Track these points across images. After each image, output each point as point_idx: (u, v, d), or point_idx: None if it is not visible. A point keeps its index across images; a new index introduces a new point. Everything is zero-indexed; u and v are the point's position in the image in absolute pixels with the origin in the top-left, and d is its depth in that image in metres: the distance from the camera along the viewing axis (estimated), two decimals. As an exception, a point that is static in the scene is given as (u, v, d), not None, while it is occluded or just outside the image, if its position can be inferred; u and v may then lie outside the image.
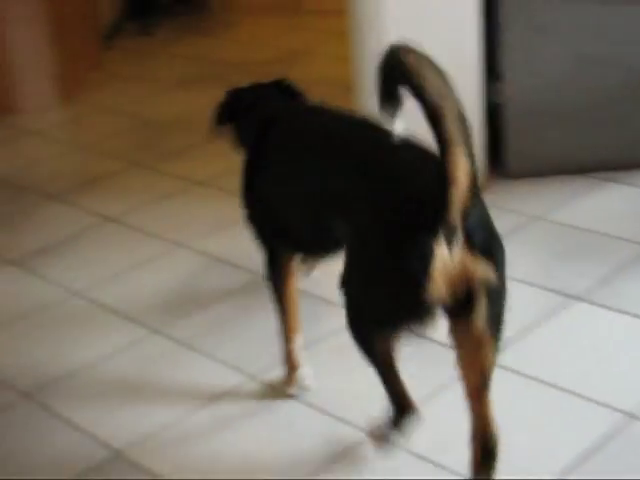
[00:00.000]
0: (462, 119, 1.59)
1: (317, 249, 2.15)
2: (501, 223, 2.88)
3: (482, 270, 1.66)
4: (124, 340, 2.52)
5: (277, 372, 2.29)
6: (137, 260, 2.94)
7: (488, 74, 3.11)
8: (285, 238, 2.15)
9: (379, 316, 1.76)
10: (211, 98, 4.34)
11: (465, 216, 1.61)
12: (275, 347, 2.30)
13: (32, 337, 2.59)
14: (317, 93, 4.19)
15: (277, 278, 2.21)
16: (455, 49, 2.99)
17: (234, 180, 3.37)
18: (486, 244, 1.69)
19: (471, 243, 1.64)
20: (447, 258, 1.62)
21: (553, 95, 3.13)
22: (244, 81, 4.68)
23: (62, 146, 4.02)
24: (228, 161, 3.60)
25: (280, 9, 5.93)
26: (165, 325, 2.56)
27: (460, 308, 1.67)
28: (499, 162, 3.22)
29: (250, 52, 5.17)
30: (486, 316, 1.68)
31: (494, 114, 3.19)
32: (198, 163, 3.67)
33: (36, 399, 2.31)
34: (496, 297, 1.70)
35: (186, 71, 4.90)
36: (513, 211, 3.00)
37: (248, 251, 2.89)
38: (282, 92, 2.38)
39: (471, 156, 1.58)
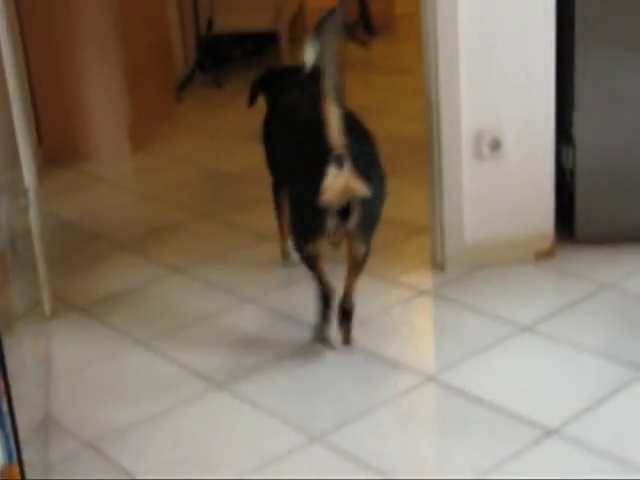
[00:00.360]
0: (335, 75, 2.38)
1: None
2: (570, 290, 2.89)
3: (358, 186, 2.48)
4: (186, 394, 2.52)
5: (341, 433, 2.27)
6: (202, 313, 2.95)
7: (560, 138, 3.09)
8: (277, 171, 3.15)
9: (301, 226, 2.63)
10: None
11: (347, 149, 2.43)
12: (341, 408, 2.28)
13: (94, 386, 2.60)
14: (386, 151, 4.20)
15: (278, 196, 3.18)
16: (527, 112, 2.99)
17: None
18: (365, 169, 2.49)
19: (354, 168, 2.45)
20: (334, 178, 2.43)
21: (626, 161, 3.09)
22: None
23: (132, 195, 4.08)
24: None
25: (350, 66, 5.97)
26: (229, 380, 2.56)
27: (345, 213, 2.48)
28: (569, 227, 3.18)
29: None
30: (358, 219, 2.51)
31: (565, 179, 3.17)
32: (266, 217, 3.67)
33: (99, 450, 2.31)
34: (368, 206, 2.52)
35: (255, 125, 4.92)
36: (583, 278, 2.96)
37: (311, 308, 2.90)
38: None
39: (340, 103, 2.41)
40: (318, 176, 2.43)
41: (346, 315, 2.68)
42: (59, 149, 4.53)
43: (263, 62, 6.28)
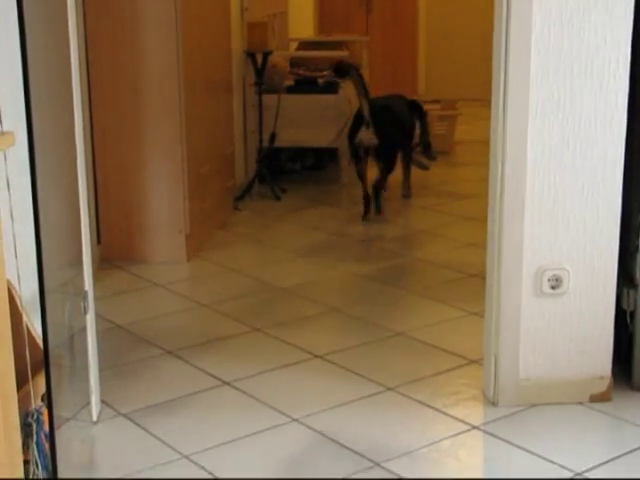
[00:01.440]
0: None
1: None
2: (625, 438, 2.81)
3: (371, 138, 5.20)
4: (228, 513, 2.47)
5: None
6: (249, 429, 2.90)
7: (621, 279, 3.05)
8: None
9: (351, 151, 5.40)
10: (330, 270, 4.42)
11: (372, 119, 5.19)
12: None
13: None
14: (440, 277, 4.21)
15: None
16: (591, 252, 2.97)
17: (352, 358, 3.40)
18: (379, 131, 5.23)
19: (374, 129, 5.21)
20: (364, 132, 5.20)
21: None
22: (365, 255, 4.74)
23: (185, 302, 4.09)
24: (346, 337, 3.63)
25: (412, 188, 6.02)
26: (271, 503, 2.51)
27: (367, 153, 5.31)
28: (627, 372, 3.12)
29: (376, 228, 5.24)
30: (376, 158, 5.31)
31: (625, 321, 3.12)
32: (317, 335, 3.67)
33: None
34: (379, 150, 5.26)
35: (309, 240, 4.98)
36: (638, 426, 2.88)
37: (358, 433, 2.85)
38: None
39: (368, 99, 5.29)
40: (356, 130, 5.28)
41: (377, 193, 5.35)
42: (116, 250, 4.58)
43: (322, 177, 6.37)
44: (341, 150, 6.09)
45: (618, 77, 2.88)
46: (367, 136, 5.21)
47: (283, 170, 6.37)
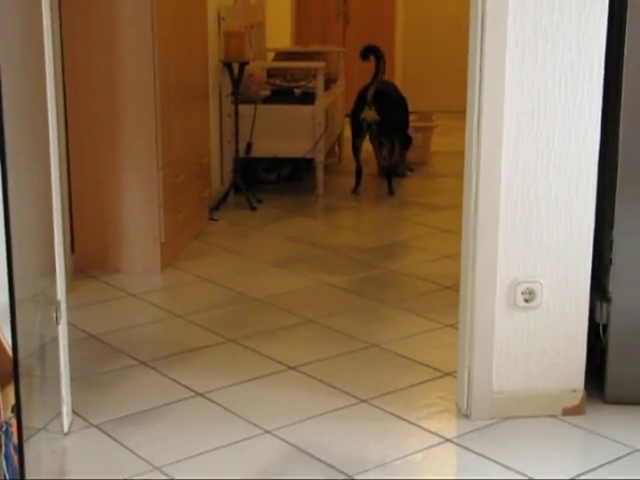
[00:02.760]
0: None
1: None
2: (598, 451, 2.82)
3: (373, 115, 6.11)
4: (199, 526, 2.45)
5: None
6: (222, 441, 2.89)
7: (594, 292, 3.07)
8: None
9: (353, 127, 6.30)
10: (306, 280, 4.41)
11: (373, 100, 6.11)
12: None
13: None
14: (415, 288, 4.20)
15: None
16: (564, 265, 2.98)
17: (326, 370, 3.40)
18: (379, 109, 6.12)
19: (375, 107, 6.13)
20: (366, 110, 6.13)
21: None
22: (341, 266, 4.74)
23: (158, 312, 4.07)
24: (320, 349, 3.62)
25: (382, 200, 6.04)
26: (243, 516, 2.49)
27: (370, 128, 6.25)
28: (600, 385, 3.13)
29: (351, 239, 5.24)
30: (375, 132, 6.28)
31: (597, 334, 3.13)
32: (292, 346, 3.66)
33: None
34: (379, 126, 6.18)
35: (285, 250, 4.98)
36: (611, 440, 2.89)
37: (332, 445, 2.84)
38: None
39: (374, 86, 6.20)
40: (361, 108, 6.12)
41: (387, 174, 6.19)
42: (90, 259, 4.56)
43: (298, 188, 6.37)
44: (317, 160, 6.10)
45: (592, 92, 2.90)
46: (370, 114, 6.08)
47: (259, 180, 6.37)
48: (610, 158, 3.00)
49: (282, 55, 7.31)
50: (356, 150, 6.21)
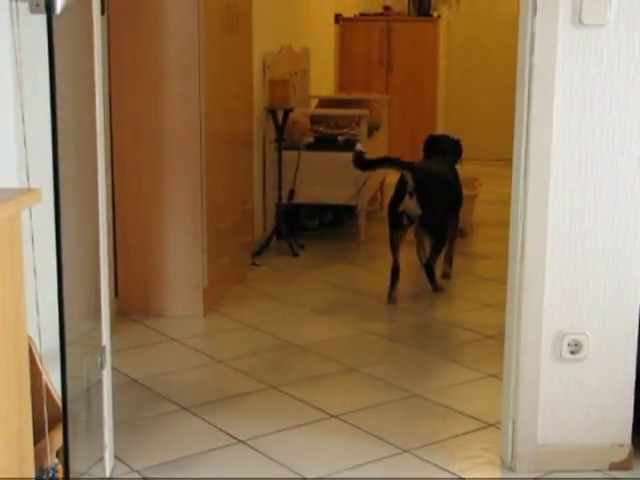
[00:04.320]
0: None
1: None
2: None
3: (416, 208, 4.80)
4: None
5: None
6: (262, 489, 2.88)
7: (641, 346, 3.03)
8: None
9: (390, 221, 4.96)
10: (347, 328, 4.39)
11: (415, 189, 4.79)
12: None
13: None
14: (458, 338, 4.18)
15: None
16: (611, 318, 2.95)
17: (368, 419, 3.37)
18: (422, 200, 4.81)
19: (417, 198, 4.81)
20: (407, 200, 4.80)
21: None
22: (383, 313, 4.71)
23: (200, 357, 4.07)
24: (362, 397, 3.60)
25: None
26: None
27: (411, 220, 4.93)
28: (647, 440, 3.08)
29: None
30: (418, 226, 5.04)
31: (645, 388, 3.08)
32: (334, 394, 3.65)
33: None
34: (423, 219, 4.88)
35: (327, 297, 4.97)
36: (660, 496, 2.84)
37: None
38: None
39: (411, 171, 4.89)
40: (400, 199, 4.88)
41: (428, 271, 5.00)
42: (133, 303, 4.59)
43: (340, 234, 6.37)
44: (359, 207, 6.11)
45: (639, 142, 2.88)
46: (411, 205, 4.83)
47: (301, 226, 6.38)
48: (658, 210, 2.98)
49: (325, 102, 7.36)
50: (393, 246, 4.97)
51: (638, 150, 2.89)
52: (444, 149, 5.50)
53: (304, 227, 6.41)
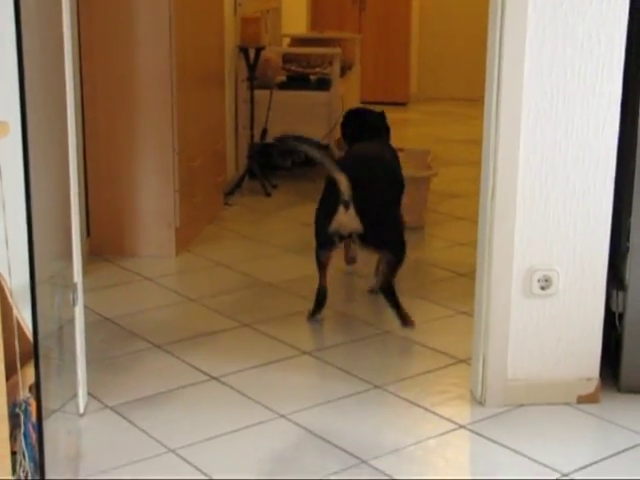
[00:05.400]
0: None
1: None
2: (612, 440, 2.82)
3: (355, 223, 3.56)
4: (214, 508, 2.47)
5: None
6: (235, 425, 2.90)
7: (611, 281, 3.06)
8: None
9: (318, 239, 3.75)
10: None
11: (352, 198, 3.52)
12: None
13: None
14: (430, 276, 4.20)
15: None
16: (581, 253, 2.98)
17: (341, 356, 3.40)
18: (363, 213, 3.55)
19: (356, 211, 3.54)
20: (342, 214, 3.55)
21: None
22: (357, 255, 4.64)
23: (173, 296, 4.08)
24: (335, 334, 3.63)
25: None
26: (257, 499, 2.50)
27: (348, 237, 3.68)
28: (614, 374, 3.13)
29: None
30: (358, 242, 3.67)
31: (613, 323, 3.13)
32: (306, 331, 3.67)
33: None
34: (367, 235, 3.59)
35: (299, 236, 4.97)
36: (624, 428, 2.89)
37: (345, 430, 2.85)
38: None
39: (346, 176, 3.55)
40: (331, 213, 3.61)
41: (389, 295, 3.71)
42: (105, 243, 4.57)
43: (313, 173, 6.36)
44: (331, 146, 6.08)
45: (611, 80, 2.88)
46: (347, 220, 3.55)
47: (274, 166, 6.36)
48: (629, 146, 2.99)
49: (298, 41, 7.30)
50: (321, 265, 3.79)
51: (610, 87, 2.89)
52: (373, 127, 4.25)
53: (276, 167, 6.38)
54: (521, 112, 2.89)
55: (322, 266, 3.78)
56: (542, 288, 2.99)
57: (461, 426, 2.92)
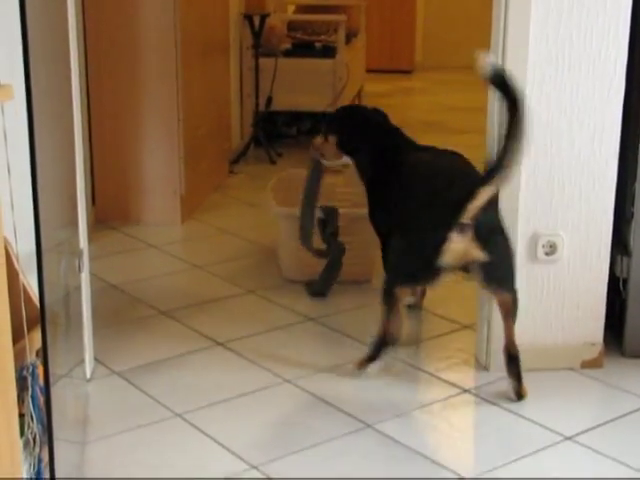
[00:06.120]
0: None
1: None
2: (615, 404, 2.84)
3: (476, 253, 2.67)
4: (220, 471, 2.49)
5: (374, 530, 2.22)
6: (241, 390, 2.92)
7: (615, 246, 3.06)
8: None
9: (405, 271, 2.86)
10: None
11: (475, 218, 2.63)
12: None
13: (129, 450, 2.58)
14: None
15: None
16: (586, 218, 2.98)
17: (346, 321, 3.42)
18: (486, 236, 2.67)
19: (476, 234, 2.65)
20: (456, 243, 2.64)
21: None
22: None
23: (178, 263, 4.09)
24: (340, 300, 3.64)
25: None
26: (262, 463, 2.52)
27: (467, 269, 2.74)
28: (618, 339, 3.14)
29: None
30: (481, 276, 2.74)
31: (617, 288, 3.13)
32: (310, 298, 3.68)
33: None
34: (488, 266, 2.71)
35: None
36: (629, 393, 2.90)
37: (351, 395, 2.87)
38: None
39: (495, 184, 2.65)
40: (437, 241, 2.67)
41: (513, 361, 2.85)
42: (111, 211, 4.58)
43: (317, 142, 6.35)
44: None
45: (617, 44, 2.87)
46: (462, 247, 2.69)
47: (279, 134, 6.35)
48: (634, 111, 2.98)
49: (303, 8, 7.26)
50: (394, 304, 2.92)
51: (616, 51, 2.88)
52: (386, 132, 3.33)
53: (282, 135, 6.37)
54: (526, 77, 2.88)
55: (395, 303, 2.90)
56: (547, 254, 2.99)
57: (465, 390, 2.94)
